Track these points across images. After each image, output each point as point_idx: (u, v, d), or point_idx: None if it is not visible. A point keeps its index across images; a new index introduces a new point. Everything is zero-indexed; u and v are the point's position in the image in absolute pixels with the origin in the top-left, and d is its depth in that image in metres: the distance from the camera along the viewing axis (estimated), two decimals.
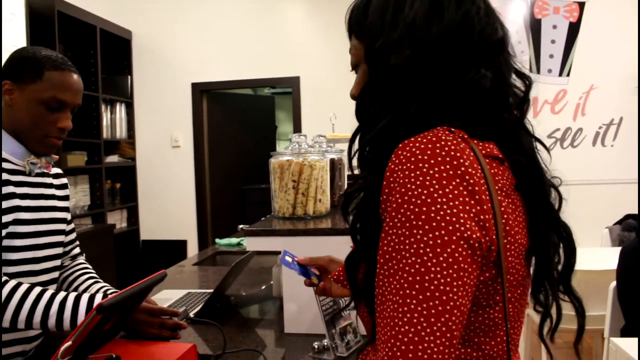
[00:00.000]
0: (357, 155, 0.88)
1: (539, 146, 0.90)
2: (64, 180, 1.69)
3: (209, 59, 5.24)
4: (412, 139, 0.76)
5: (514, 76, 0.88)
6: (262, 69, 5.14)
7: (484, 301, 0.79)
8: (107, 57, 5.10)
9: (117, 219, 5.15)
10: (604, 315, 2.34)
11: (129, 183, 5.38)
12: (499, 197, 0.78)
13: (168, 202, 5.38)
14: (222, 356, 1.43)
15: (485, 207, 0.74)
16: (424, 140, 0.75)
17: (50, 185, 1.59)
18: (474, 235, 0.72)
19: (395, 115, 0.81)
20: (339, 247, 1.35)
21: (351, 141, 0.90)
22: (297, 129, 5.10)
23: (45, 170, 1.57)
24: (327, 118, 3.61)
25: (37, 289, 1.36)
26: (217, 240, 3.16)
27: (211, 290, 2.05)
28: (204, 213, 5.38)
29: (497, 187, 0.78)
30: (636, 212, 3.80)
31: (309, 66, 5.07)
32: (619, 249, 2.21)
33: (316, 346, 1.48)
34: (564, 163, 0.90)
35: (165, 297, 1.99)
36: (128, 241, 5.24)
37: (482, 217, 0.73)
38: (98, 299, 1.37)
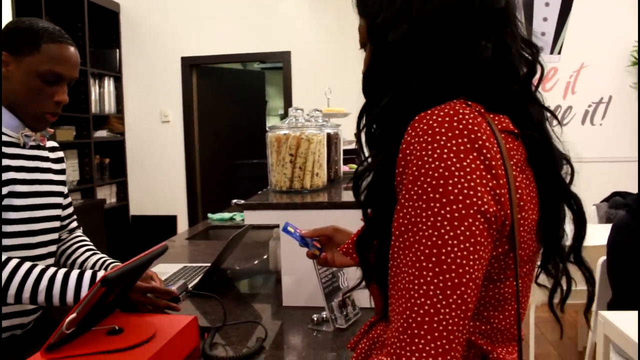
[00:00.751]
0: (364, 133, 0.88)
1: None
2: (60, 154, 1.67)
3: (199, 32, 5.18)
4: (429, 112, 0.75)
5: (523, 46, 0.86)
6: (252, 43, 5.10)
7: (495, 276, 0.80)
8: (95, 30, 5.03)
9: (107, 194, 5.13)
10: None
11: (118, 158, 5.35)
12: (514, 172, 0.78)
13: (158, 177, 5.36)
14: (222, 328, 1.44)
15: (501, 181, 0.74)
16: (441, 114, 0.74)
17: (46, 159, 1.57)
18: (490, 209, 0.72)
19: (396, 93, 0.81)
20: (337, 220, 1.36)
21: (359, 119, 0.89)
22: (288, 103, 5.08)
23: (41, 144, 1.56)
24: (318, 93, 3.59)
25: (39, 267, 1.36)
26: (209, 215, 3.16)
27: (206, 264, 2.06)
28: (193, 188, 5.37)
29: (512, 162, 0.78)
30: (623, 189, 3.84)
31: (300, 41, 5.03)
32: (606, 225, 2.24)
33: (315, 318, 1.49)
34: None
35: (161, 271, 1.99)
36: (118, 216, 5.23)
37: (497, 191, 0.73)
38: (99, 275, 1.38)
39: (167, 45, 5.23)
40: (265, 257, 2.22)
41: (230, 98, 5.90)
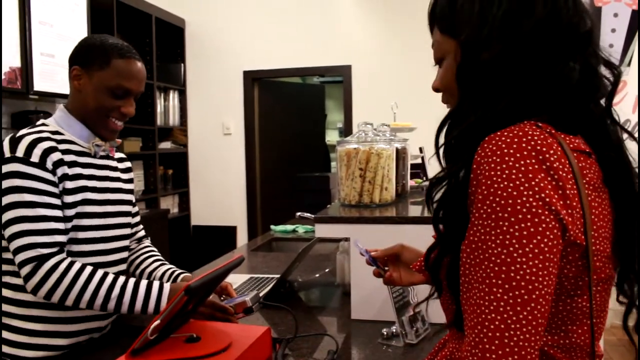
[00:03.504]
0: (443, 147, 0.90)
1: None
2: (128, 164, 1.74)
3: (261, 47, 5.28)
4: (499, 133, 0.77)
5: (602, 67, 0.88)
6: (313, 57, 5.16)
7: (572, 291, 0.81)
8: (162, 45, 5.20)
9: (169, 204, 5.27)
10: None
11: (180, 169, 5.49)
12: (587, 191, 0.79)
13: (218, 188, 5.46)
14: (293, 340, 1.46)
15: (571, 201, 0.75)
16: (510, 135, 0.76)
17: (115, 169, 1.64)
18: (557, 225, 0.73)
19: (485, 112, 0.83)
20: (405, 235, 1.37)
21: (438, 132, 0.91)
22: (348, 117, 5.11)
23: (110, 154, 1.62)
24: (379, 106, 3.61)
25: (111, 276, 1.42)
26: (272, 226, 3.20)
27: (273, 276, 2.09)
28: (253, 200, 5.45)
29: (584, 181, 0.79)
30: None
31: (361, 55, 5.05)
32: None
33: (385, 332, 1.49)
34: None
35: (229, 281, 2.02)
36: (179, 226, 5.35)
37: (568, 211, 0.75)
38: (166, 288, 1.45)
39: (230, 59, 5.35)
40: (327, 270, 2.24)
41: (290, 111, 5.97)
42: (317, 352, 1.43)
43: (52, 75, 3.52)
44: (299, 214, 2.86)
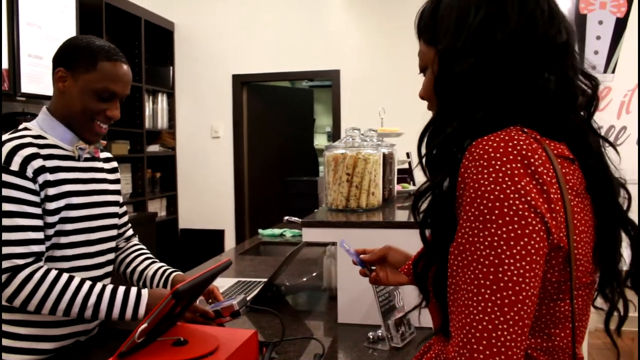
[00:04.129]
0: (425, 157, 0.91)
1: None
2: (115, 164, 1.72)
3: (250, 51, 5.28)
4: (486, 138, 0.79)
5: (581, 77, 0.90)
6: (302, 61, 5.17)
7: (554, 295, 0.83)
8: (151, 48, 5.19)
9: (157, 208, 5.25)
10: None
11: (168, 172, 5.47)
12: (569, 196, 0.81)
13: (207, 192, 5.46)
14: (280, 343, 1.46)
15: (556, 206, 0.77)
16: (497, 139, 0.78)
17: (100, 170, 1.62)
18: (543, 228, 0.75)
19: (461, 122, 0.85)
20: (392, 239, 1.38)
21: (420, 142, 0.92)
22: (336, 122, 5.13)
23: (95, 155, 1.60)
24: (367, 111, 3.62)
25: (88, 283, 1.43)
26: (260, 230, 3.20)
27: (260, 280, 2.10)
28: (242, 203, 5.45)
29: (568, 187, 0.81)
30: None
31: (349, 60, 5.08)
32: None
33: (371, 336, 1.51)
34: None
35: (217, 285, 2.03)
36: (167, 229, 5.34)
37: (552, 215, 0.77)
38: (145, 294, 1.45)
39: (219, 63, 5.35)
40: (315, 274, 2.25)
41: (279, 115, 5.98)
42: (303, 355, 1.44)
43: (40, 77, 3.50)
44: (286, 218, 2.87)
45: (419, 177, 2.44)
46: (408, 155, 2.53)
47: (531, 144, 0.79)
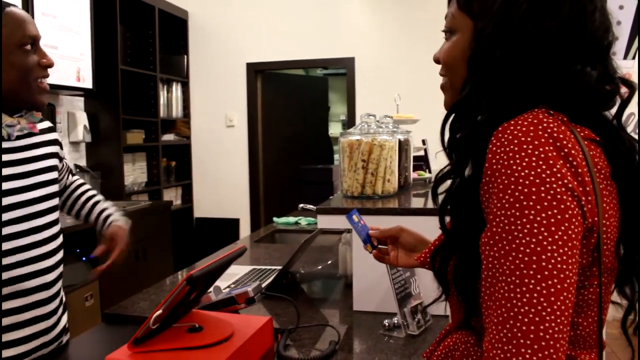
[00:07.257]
0: (448, 140, 0.88)
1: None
2: (48, 124, 1.57)
3: (264, 39, 5.27)
4: (512, 122, 0.75)
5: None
6: (316, 49, 5.15)
7: (579, 283, 0.79)
8: (165, 37, 5.19)
9: (172, 196, 5.28)
10: None
11: (183, 161, 5.49)
12: (598, 180, 0.78)
13: (222, 180, 5.47)
14: (295, 330, 1.46)
15: (587, 188, 0.74)
16: (525, 123, 0.75)
17: (41, 144, 1.49)
18: (580, 212, 0.72)
19: (495, 111, 0.81)
20: (408, 226, 1.36)
21: (443, 124, 0.89)
22: (351, 110, 5.10)
23: (32, 131, 1.47)
24: (382, 99, 3.59)
25: None
26: (274, 218, 3.20)
27: (275, 267, 2.10)
28: (256, 192, 5.45)
29: (595, 170, 0.78)
30: None
31: (364, 47, 5.04)
32: None
33: (387, 324, 1.50)
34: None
35: (231, 272, 2.03)
36: (182, 218, 5.36)
37: (586, 198, 0.74)
38: None
39: (233, 51, 5.34)
40: (330, 262, 2.24)
41: (293, 103, 5.97)
42: (319, 342, 1.43)
43: (55, 67, 3.50)
44: (301, 205, 2.86)
45: (436, 164, 2.42)
46: (424, 142, 2.50)
47: (560, 126, 0.75)
